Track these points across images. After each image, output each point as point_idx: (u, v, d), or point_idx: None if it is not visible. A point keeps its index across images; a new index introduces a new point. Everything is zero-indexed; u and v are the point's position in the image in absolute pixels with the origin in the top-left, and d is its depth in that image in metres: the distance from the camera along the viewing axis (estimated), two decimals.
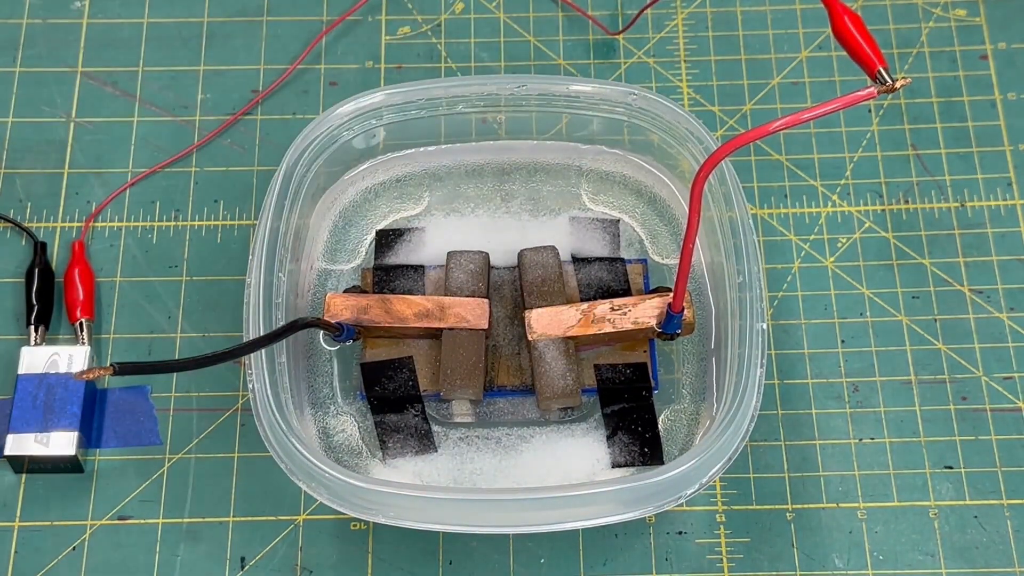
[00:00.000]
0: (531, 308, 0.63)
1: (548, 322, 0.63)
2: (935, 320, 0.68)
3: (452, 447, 0.62)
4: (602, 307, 0.63)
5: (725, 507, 0.63)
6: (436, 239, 0.67)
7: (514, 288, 0.65)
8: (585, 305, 0.63)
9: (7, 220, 0.70)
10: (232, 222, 0.71)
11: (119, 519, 0.63)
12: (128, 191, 0.71)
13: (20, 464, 0.63)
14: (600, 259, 0.66)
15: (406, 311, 0.63)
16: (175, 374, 0.66)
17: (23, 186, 0.72)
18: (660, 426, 0.63)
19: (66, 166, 0.72)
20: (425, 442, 0.62)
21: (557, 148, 0.70)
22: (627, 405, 0.63)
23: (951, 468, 0.64)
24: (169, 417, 0.65)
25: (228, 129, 0.73)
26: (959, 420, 0.65)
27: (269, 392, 0.58)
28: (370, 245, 0.68)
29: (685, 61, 0.75)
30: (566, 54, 0.76)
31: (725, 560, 0.62)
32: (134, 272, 0.69)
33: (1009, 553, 0.62)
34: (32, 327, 0.66)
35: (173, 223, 0.71)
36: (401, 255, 0.67)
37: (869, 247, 0.70)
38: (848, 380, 0.66)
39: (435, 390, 0.63)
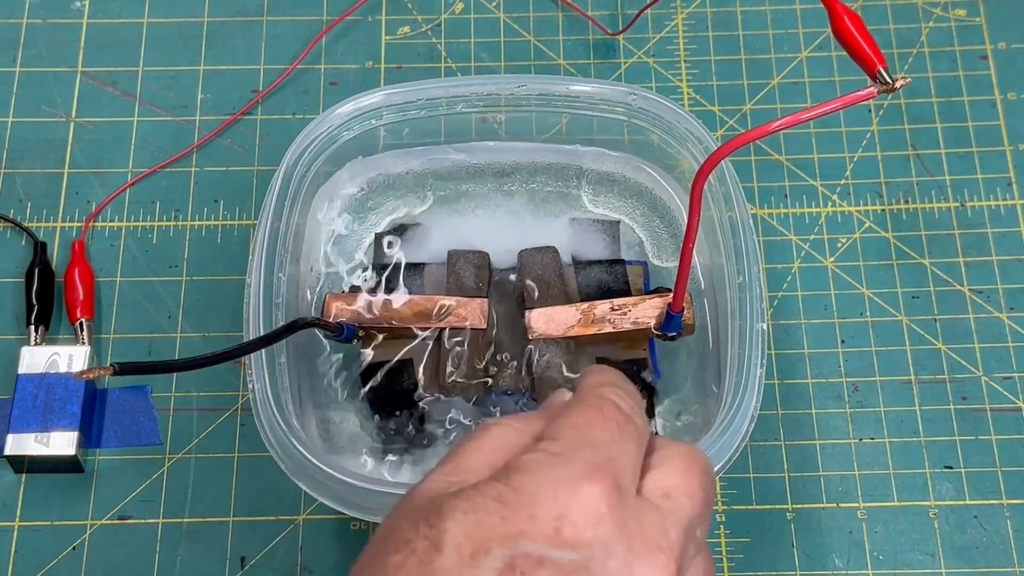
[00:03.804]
0: (531, 308, 0.63)
1: (548, 322, 0.63)
2: (935, 320, 0.68)
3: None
4: (602, 307, 0.63)
5: (725, 507, 0.63)
6: (436, 239, 0.67)
7: (514, 288, 0.65)
8: (585, 305, 0.63)
9: (7, 220, 0.70)
10: (232, 222, 0.71)
11: (119, 519, 0.63)
12: (128, 191, 0.71)
13: (20, 464, 0.63)
14: (600, 261, 0.66)
15: (406, 311, 0.63)
16: (175, 374, 0.66)
17: (23, 186, 0.72)
18: (660, 426, 0.63)
19: (66, 166, 0.72)
20: (425, 442, 0.62)
21: (557, 148, 0.70)
22: None
23: (951, 468, 0.64)
24: (169, 417, 0.65)
25: (228, 129, 0.73)
26: (959, 420, 0.66)
27: (269, 392, 0.58)
28: (370, 245, 0.68)
29: (685, 61, 0.75)
30: (566, 54, 0.76)
31: (725, 560, 0.62)
32: (134, 272, 0.69)
33: (1009, 553, 0.62)
34: (32, 327, 0.66)
35: (173, 223, 0.71)
36: (401, 255, 0.67)
37: (869, 247, 0.70)
38: (848, 380, 0.66)
39: (435, 390, 0.63)
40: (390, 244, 0.67)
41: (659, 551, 0.41)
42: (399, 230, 0.68)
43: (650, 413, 0.63)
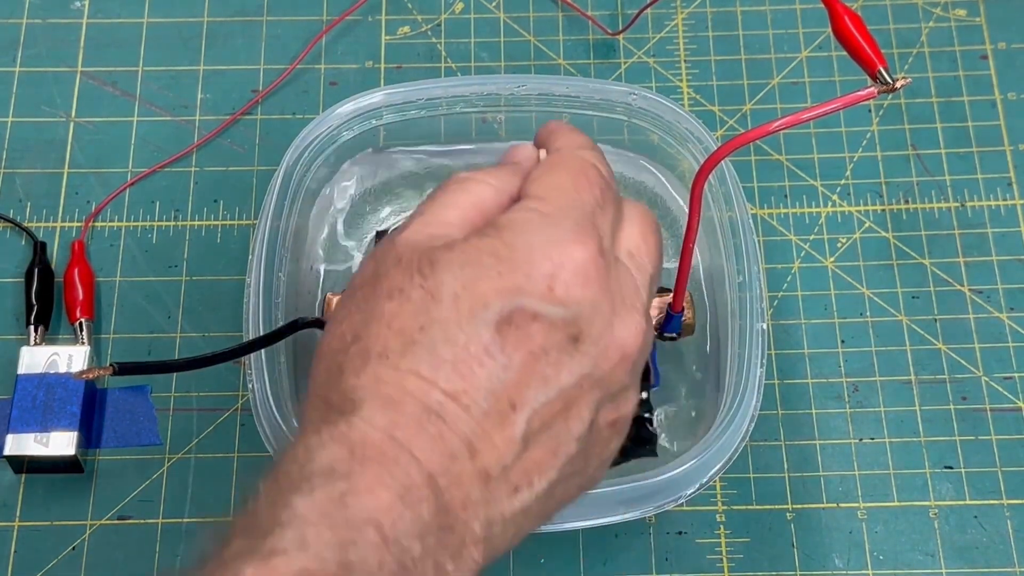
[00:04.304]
0: None
1: None
2: (935, 320, 0.68)
3: None
4: None
5: (725, 507, 0.63)
6: None
7: None
8: None
9: (7, 220, 0.70)
10: (232, 222, 0.71)
11: (119, 519, 0.63)
12: (128, 191, 0.71)
13: (20, 464, 0.63)
14: None
15: None
16: (175, 374, 0.66)
17: (23, 186, 0.72)
18: (660, 426, 0.63)
19: (66, 166, 0.72)
20: None
21: None
22: None
23: (951, 468, 0.64)
24: (169, 417, 0.65)
25: (228, 129, 0.73)
26: (959, 420, 0.66)
27: (269, 392, 0.58)
28: (370, 245, 0.68)
29: (685, 61, 0.75)
30: (566, 54, 0.76)
31: (725, 560, 0.62)
32: (134, 272, 0.69)
33: (1009, 553, 0.62)
34: (32, 327, 0.66)
35: (173, 223, 0.71)
36: None
37: (869, 247, 0.70)
38: (848, 380, 0.66)
39: None
40: None
41: (634, 310, 0.45)
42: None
43: (646, 407, 0.63)
